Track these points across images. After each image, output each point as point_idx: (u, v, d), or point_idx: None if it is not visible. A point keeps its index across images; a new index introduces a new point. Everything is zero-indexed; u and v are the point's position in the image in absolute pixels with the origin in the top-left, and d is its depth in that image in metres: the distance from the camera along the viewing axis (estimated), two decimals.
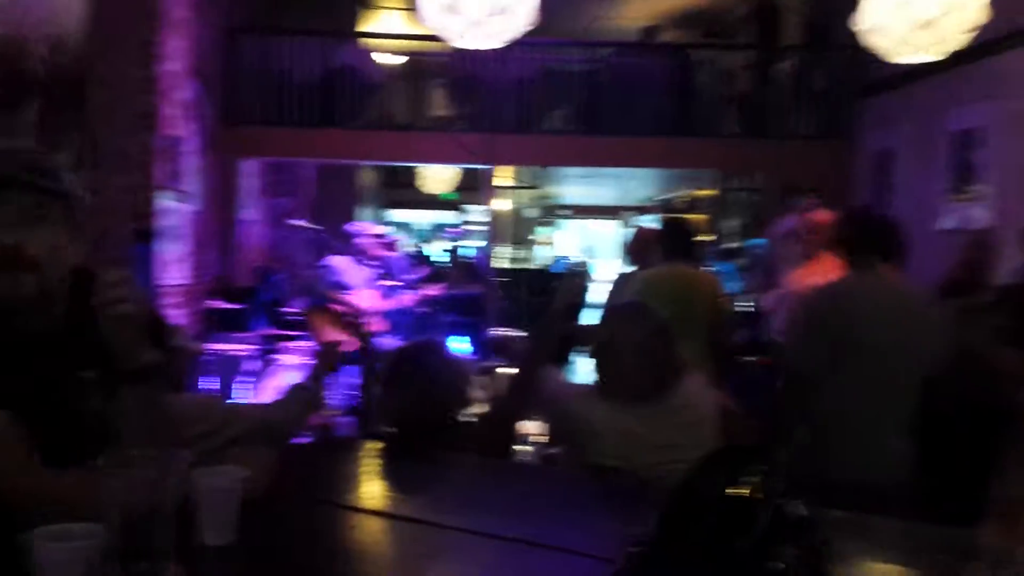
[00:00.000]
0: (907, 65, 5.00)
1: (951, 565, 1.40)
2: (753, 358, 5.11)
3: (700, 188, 12.14)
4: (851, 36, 4.88)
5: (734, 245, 9.52)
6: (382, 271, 6.36)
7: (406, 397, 2.41)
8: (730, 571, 0.98)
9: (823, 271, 4.61)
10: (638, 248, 4.95)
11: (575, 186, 13.73)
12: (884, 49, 4.60)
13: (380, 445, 2.38)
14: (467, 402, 2.50)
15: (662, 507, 1.06)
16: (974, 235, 5.61)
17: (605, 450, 2.26)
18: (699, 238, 10.79)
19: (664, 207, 13.62)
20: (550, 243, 15.06)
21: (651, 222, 6.37)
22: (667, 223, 4.83)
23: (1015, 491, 0.70)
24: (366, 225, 6.62)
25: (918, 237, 5.67)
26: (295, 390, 2.35)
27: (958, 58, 5.02)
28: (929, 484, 2.95)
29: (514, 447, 2.63)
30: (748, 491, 1.04)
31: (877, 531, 1.74)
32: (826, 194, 8.96)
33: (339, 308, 5.71)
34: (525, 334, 3.91)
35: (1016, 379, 2.81)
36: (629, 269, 4.96)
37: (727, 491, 1.04)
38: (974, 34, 4.37)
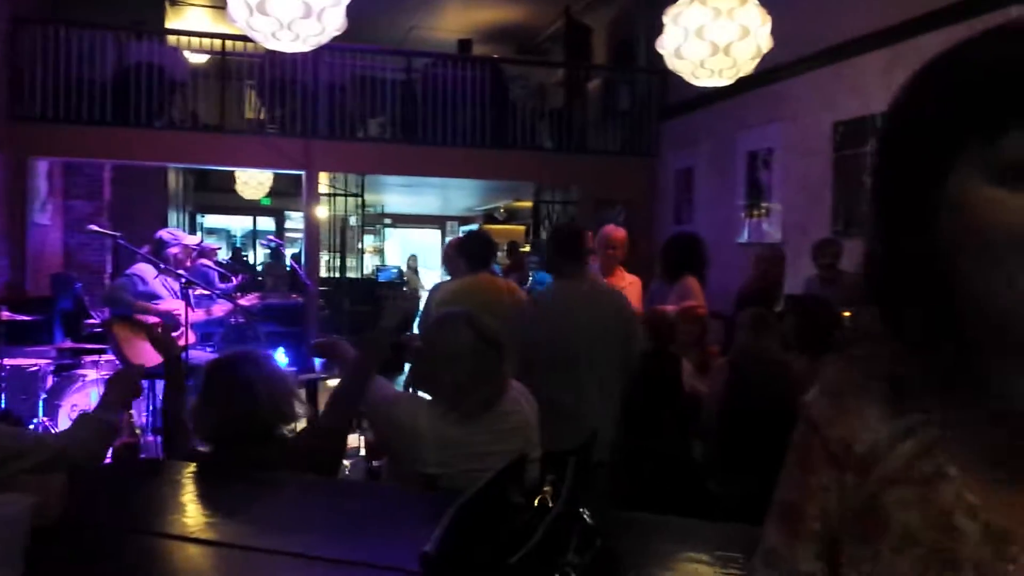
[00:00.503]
0: (703, 88, 5.36)
1: (741, 562, 1.53)
2: None
3: (519, 199, 12.44)
4: (653, 58, 5.19)
5: None
6: (194, 280, 6.07)
7: (223, 412, 2.28)
8: None
9: (619, 284, 4.92)
10: (448, 259, 5.18)
11: (398, 195, 13.68)
12: (684, 72, 4.91)
13: (192, 466, 2.27)
14: (290, 416, 2.39)
15: (448, 519, 1.05)
16: (766, 248, 6.09)
17: (427, 458, 2.27)
18: (521, 248, 11.03)
19: (484, 217, 13.85)
20: (376, 251, 14.92)
21: (461, 234, 6.52)
22: (468, 235, 5.12)
23: (785, 494, 0.76)
24: (175, 231, 6.28)
25: (720, 250, 6.14)
26: (85, 420, 2.17)
27: (750, 83, 5.46)
28: (731, 483, 3.19)
29: (342, 461, 2.57)
30: (536, 500, 1.05)
31: (672, 531, 1.85)
32: (635, 208, 9.50)
33: (145, 319, 5.40)
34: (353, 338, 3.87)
35: (802, 383, 3.05)
36: (445, 279, 5.13)
37: (518, 500, 1.06)
38: (757, 60, 4.76)
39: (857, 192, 6.19)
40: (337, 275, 12.02)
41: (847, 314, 4.70)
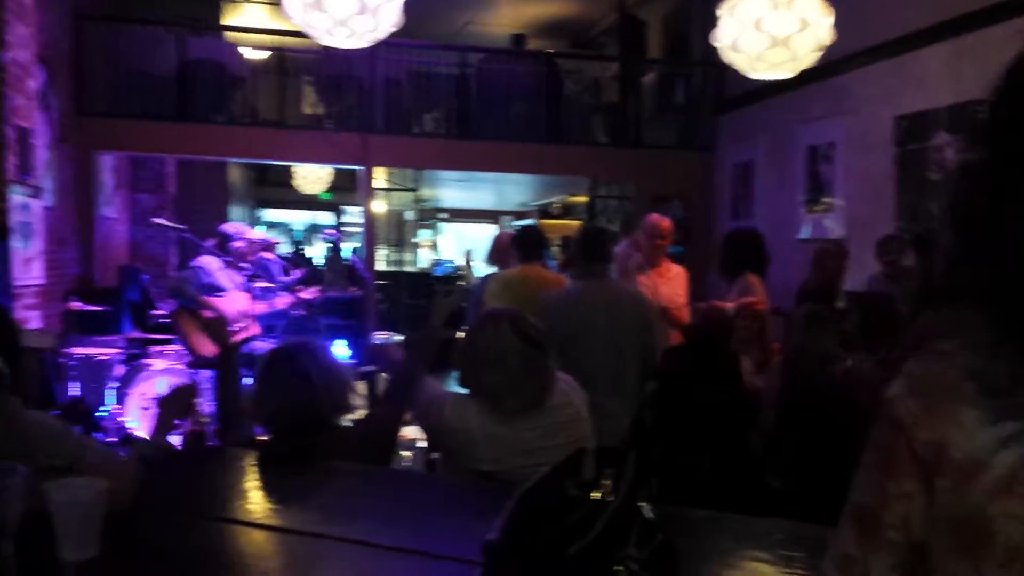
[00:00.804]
0: (761, 82, 5.29)
1: (807, 561, 1.51)
2: None
3: (574, 194, 12.41)
4: (709, 52, 5.12)
5: None
6: (256, 273, 6.20)
7: (281, 400, 2.31)
8: (568, 574, 0.98)
9: (665, 275, 4.84)
10: (497, 252, 5.24)
11: (453, 189, 13.76)
12: (741, 65, 4.84)
13: (255, 454, 2.32)
14: (346, 407, 2.41)
15: (509, 511, 1.06)
16: (827, 244, 5.98)
17: (480, 455, 2.29)
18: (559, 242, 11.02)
19: (538, 212, 13.85)
20: (431, 246, 15.02)
21: (510, 228, 6.56)
22: (521, 227, 5.17)
23: (861, 497, 0.73)
24: (239, 225, 6.42)
25: (778, 246, 6.05)
26: (138, 450, 2.21)
27: (810, 75, 5.36)
28: (791, 480, 3.15)
29: (395, 453, 2.60)
30: (599, 494, 1.06)
31: (736, 528, 1.83)
32: (691, 203, 9.41)
33: (209, 312, 5.54)
34: (401, 339, 3.93)
35: (861, 381, 2.98)
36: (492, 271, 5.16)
37: (575, 494, 1.06)
38: (821, 53, 4.67)
39: (921, 188, 6.04)
40: (394, 269, 12.14)
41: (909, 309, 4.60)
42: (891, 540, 0.70)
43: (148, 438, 2.27)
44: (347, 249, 12.11)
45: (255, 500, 2.03)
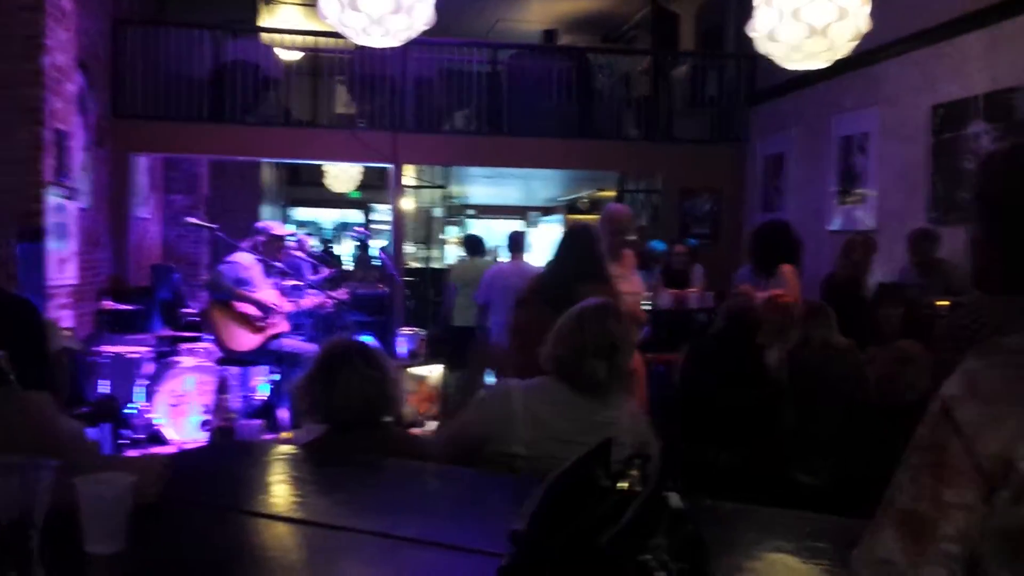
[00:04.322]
0: (794, 72, 5.21)
1: (833, 554, 1.49)
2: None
3: (602, 189, 12.36)
4: (742, 43, 5.08)
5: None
6: (286, 271, 6.26)
7: (342, 397, 2.34)
8: (597, 564, 0.97)
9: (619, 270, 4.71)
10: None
11: (481, 186, 13.77)
12: (777, 55, 4.78)
13: (285, 448, 2.34)
14: (397, 405, 2.46)
15: (536, 501, 1.05)
16: (855, 236, 5.90)
17: (519, 436, 2.29)
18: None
19: (567, 207, 13.81)
20: (459, 243, 15.03)
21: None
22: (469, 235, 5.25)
23: (910, 502, 0.68)
24: (271, 223, 6.48)
25: (810, 237, 5.98)
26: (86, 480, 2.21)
27: (842, 66, 5.28)
28: (808, 472, 3.12)
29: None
30: (626, 484, 1.05)
31: (762, 520, 1.82)
32: (722, 195, 9.33)
33: (242, 307, 5.60)
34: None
35: (919, 366, 2.88)
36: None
37: (605, 483, 1.06)
38: (856, 42, 4.60)
39: (957, 178, 5.93)
40: (422, 266, 12.19)
41: (946, 303, 4.52)
42: (947, 552, 0.65)
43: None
44: (375, 246, 12.17)
45: (282, 493, 2.04)
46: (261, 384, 5.95)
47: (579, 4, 11.16)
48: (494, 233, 11.24)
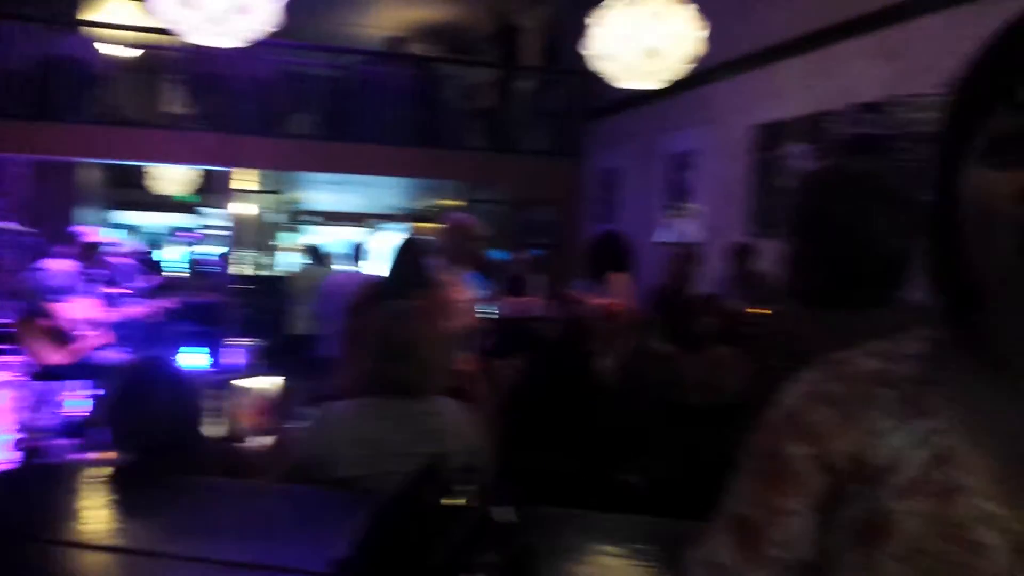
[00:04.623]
0: (630, 90, 5.42)
1: (655, 555, 1.55)
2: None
3: (447, 198, 12.41)
4: (583, 60, 5.24)
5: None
6: (107, 278, 5.90)
7: (136, 418, 2.25)
8: None
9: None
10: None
11: (324, 192, 13.50)
12: (612, 74, 4.95)
13: (107, 470, 2.21)
14: (200, 421, 2.39)
15: (362, 526, 1.04)
16: (680, 248, 6.22)
17: (343, 460, 2.25)
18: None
19: (412, 216, 13.77)
20: (298, 250, 14.65)
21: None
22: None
23: (743, 508, 0.71)
24: (88, 228, 6.10)
25: (642, 249, 6.22)
26: None
27: (674, 86, 5.56)
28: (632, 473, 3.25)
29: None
30: (462, 501, 1.04)
31: (589, 524, 1.87)
32: (562, 208, 9.58)
33: (53, 320, 5.23)
34: None
35: (731, 371, 3.05)
36: None
37: (439, 502, 1.05)
38: (690, 65, 4.84)
39: (773, 194, 6.36)
40: (259, 273, 11.81)
41: (761, 312, 4.83)
42: (774, 557, 0.69)
43: None
44: (208, 253, 11.67)
45: (97, 519, 1.93)
46: (77, 400, 5.57)
47: (427, 13, 11.18)
48: (337, 241, 11.03)
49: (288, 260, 13.29)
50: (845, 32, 5.69)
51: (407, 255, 3.88)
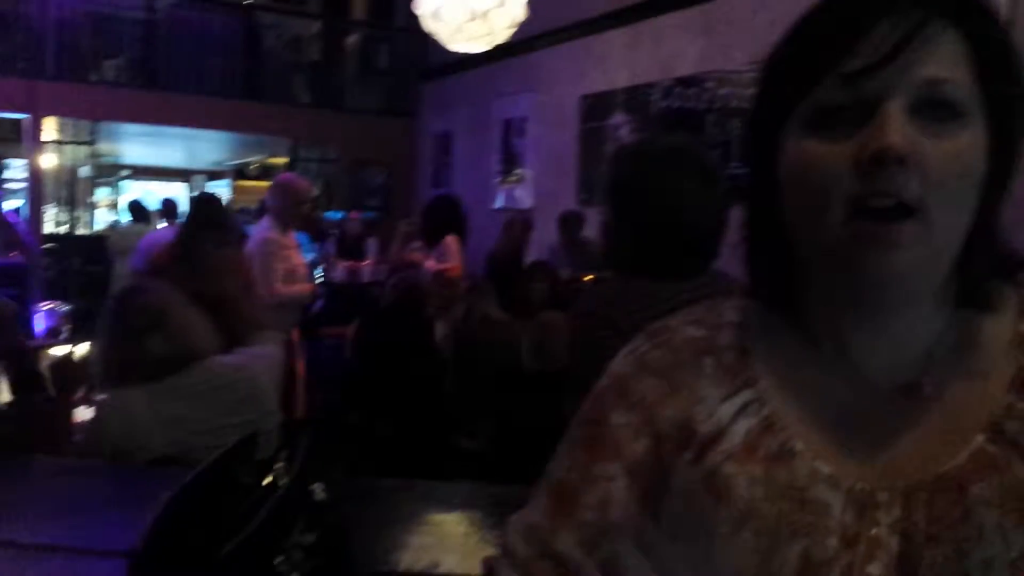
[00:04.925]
0: (462, 54, 5.41)
1: (486, 521, 1.58)
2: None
3: (274, 155, 11.96)
4: (413, 19, 5.16)
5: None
6: None
7: None
8: (225, 572, 0.90)
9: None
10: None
11: (138, 145, 12.63)
12: (442, 35, 4.92)
13: None
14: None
15: (157, 513, 0.96)
16: (514, 215, 6.32)
17: (155, 444, 2.13)
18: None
19: (235, 172, 13.19)
20: (111, 206, 13.68)
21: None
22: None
23: (562, 472, 0.72)
24: None
25: (477, 215, 6.27)
26: None
27: (504, 52, 5.59)
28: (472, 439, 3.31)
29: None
30: (269, 479, 1.00)
31: (420, 493, 1.88)
32: (395, 170, 9.47)
33: None
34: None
35: (561, 336, 3.14)
36: None
37: (247, 480, 0.99)
38: (515, 29, 4.88)
39: (600, 164, 6.57)
40: (67, 232, 10.96)
41: (590, 278, 5.01)
42: (584, 519, 0.70)
43: None
44: (12, 209, 10.69)
45: None
46: None
47: None
48: (158, 197, 10.40)
49: (105, 217, 12.42)
50: (665, 5, 5.90)
51: (206, 211, 3.73)
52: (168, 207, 6.94)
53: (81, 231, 11.39)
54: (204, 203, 3.85)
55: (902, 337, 0.65)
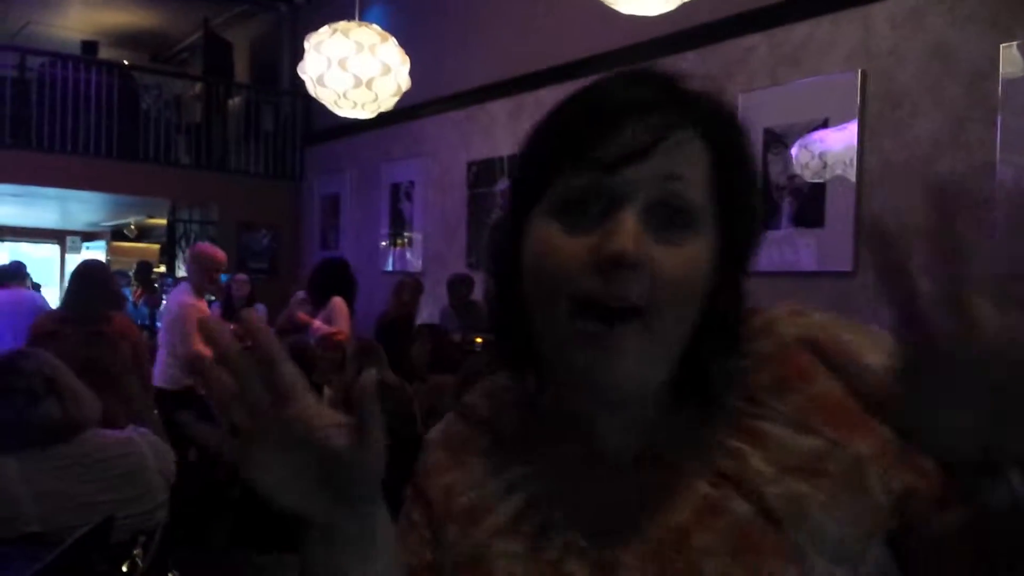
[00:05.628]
0: (350, 119, 5.46)
1: None
2: None
3: (152, 216, 11.61)
4: (297, 82, 5.19)
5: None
6: None
7: None
8: None
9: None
10: None
11: (7, 205, 12.03)
12: (326, 100, 4.96)
13: None
14: None
15: None
16: (405, 278, 6.36)
17: (23, 516, 2.03)
18: (155, 269, 10.30)
19: (111, 234, 12.72)
20: None
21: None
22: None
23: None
24: None
25: (366, 277, 6.26)
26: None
27: (391, 117, 5.67)
28: None
29: None
30: (124, 569, 0.96)
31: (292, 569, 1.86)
32: (280, 232, 9.35)
33: None
34: None
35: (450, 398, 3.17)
36: None
37: (99, 568, 0.96)
38: (398, 97, 4.97)
39: (486, 228, 6.70)
40: None
41: (480, 340, 5.08)
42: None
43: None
44: None
45: None
46: None
47: (124, 18, 10.42)
48: (26, 259, 9.88)
49: None
50: (547, 78, 6.15)
51: (94, 279, 3.67)
52: (15, 268, 6.65)
53: None
54: (90, 269, 3.74)
55: (633, 417, 0.67)
